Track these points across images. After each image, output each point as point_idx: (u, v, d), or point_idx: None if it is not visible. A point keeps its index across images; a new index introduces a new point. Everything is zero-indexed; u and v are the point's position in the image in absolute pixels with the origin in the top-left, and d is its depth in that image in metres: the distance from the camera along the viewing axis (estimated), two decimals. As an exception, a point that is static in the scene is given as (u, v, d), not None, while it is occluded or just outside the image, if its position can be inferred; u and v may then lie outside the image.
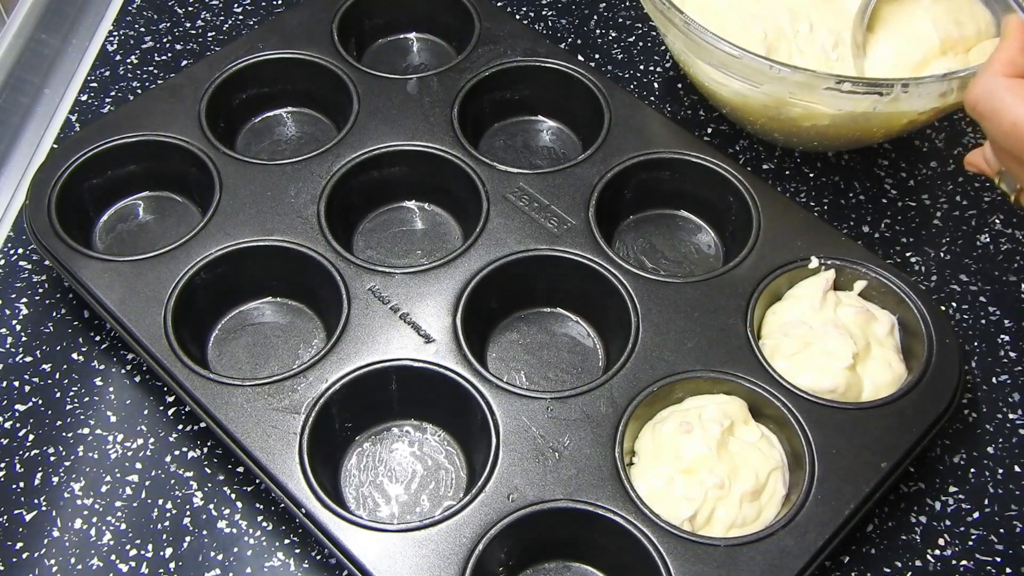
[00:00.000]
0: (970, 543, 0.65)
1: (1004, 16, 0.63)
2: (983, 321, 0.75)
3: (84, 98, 0.88)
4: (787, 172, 0.83)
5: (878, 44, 0.78)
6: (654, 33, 0.92)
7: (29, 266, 0.78)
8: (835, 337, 0.67)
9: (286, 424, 0.64)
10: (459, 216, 0.78)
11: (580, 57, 0.89)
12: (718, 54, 0.70)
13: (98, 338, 0.74)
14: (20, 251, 0.79)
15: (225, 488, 0.67)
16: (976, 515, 0.66)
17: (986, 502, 0.67)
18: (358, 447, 0.67)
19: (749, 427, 0.65)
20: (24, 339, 0.74)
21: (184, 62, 0.90)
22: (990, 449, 0.69)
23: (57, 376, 0.72)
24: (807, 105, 0.72)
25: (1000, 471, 0.68)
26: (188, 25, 0.93)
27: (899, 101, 0.68)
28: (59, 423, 0.70)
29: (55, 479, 0.67)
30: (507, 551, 0.61)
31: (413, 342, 0.68)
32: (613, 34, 0.93)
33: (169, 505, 0.66)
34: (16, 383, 0.71)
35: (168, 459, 0.68)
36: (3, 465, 0.68)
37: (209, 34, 0.92)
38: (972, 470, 0.68)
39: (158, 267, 0.71)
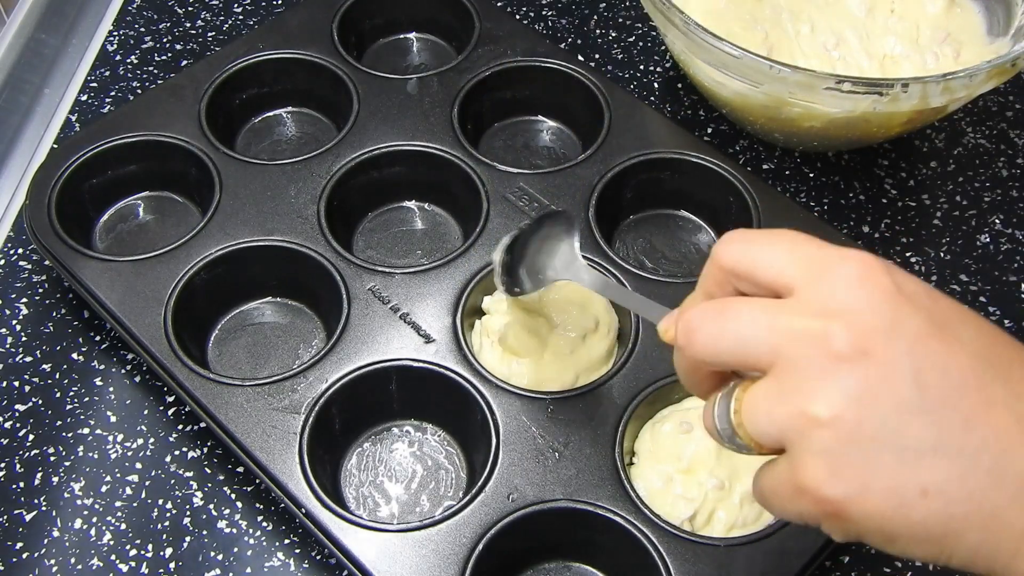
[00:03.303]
0: (970, 543, 0.65)
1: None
2: (983, 321, 0.75)
3: (84, 98, 0.88)
4: (787, 172, 0.83)
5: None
6: (654, 33, 0.92)
7: (29, 266, 0.78)
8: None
9: (286, 424, 0.64)
10: (459, 216, 0.78)
11: (580, 57, 0.89)
12: (718, 54, 0.70)
13: (98, 338, 0.74)
14: (20, 251, 0.79)
15: (225, 488, 0.67)
16: (976, 515, 0.66)
17: (986, 502, 0.67)
18: (358, 447, 0.67)
19: (749, 427, 0.65)
20: (24, 339, 0.74)
21: (184, 62, 0.90)
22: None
23: (57, 376, 0.72)
24: (807, 105, 0.72)
25: (1000, 471, 0.68)
26: (188, 25, 0.93)
27: (899, 101, 0.68)
28: (59, 423, 0.70)
29: (55, 479, 0.67)
30: (507, 551, 0.61)
31: (413, 342, 0.68)
32: (613, 34, 0.93)
33: (169, 505, 0.66)
34: (16, 383, 0.71)
35: (168, 459, 0.68)
36: (3, 465, 0.68)
37: (209, 34, 0.92)
38: (972, 470, 0.68)
39: (158, 267, 0.71)
